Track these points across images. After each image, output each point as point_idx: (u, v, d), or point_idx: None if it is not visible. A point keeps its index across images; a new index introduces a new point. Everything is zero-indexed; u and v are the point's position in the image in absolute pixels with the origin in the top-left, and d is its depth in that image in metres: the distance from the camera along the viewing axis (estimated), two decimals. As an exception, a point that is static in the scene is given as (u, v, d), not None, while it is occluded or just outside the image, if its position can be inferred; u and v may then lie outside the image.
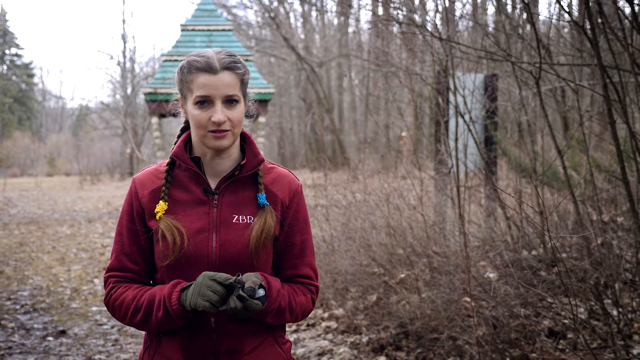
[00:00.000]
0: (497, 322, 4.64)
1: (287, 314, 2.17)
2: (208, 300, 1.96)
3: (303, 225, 2.26)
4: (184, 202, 2.15)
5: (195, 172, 2.16)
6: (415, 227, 6.41)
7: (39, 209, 20.56)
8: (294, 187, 2.25)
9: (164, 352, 2.15)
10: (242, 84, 2.14)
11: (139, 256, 2.17)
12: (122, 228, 2.19)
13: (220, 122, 2.06)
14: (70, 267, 10.00)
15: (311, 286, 2.27)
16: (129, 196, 2.20)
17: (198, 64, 2.07)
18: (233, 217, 2.14)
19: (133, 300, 2.10)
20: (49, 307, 7.40)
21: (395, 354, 5.17)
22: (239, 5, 40.42)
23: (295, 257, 2.24)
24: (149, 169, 2.23)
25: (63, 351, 5.73)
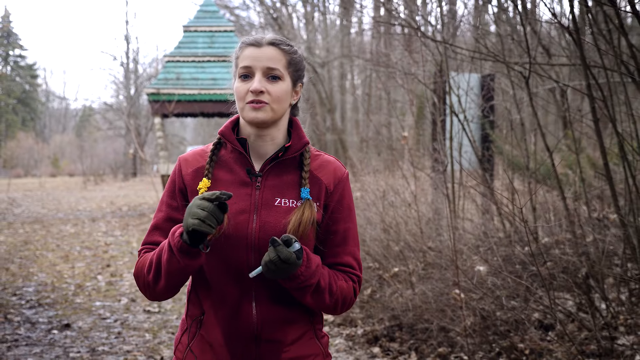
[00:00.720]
0: (484, 312, 4.81)
1: (326, 295, 2.10)
2: (198, 218, 1.90)
3: (347, 213, 2.21)
4: (227, 182, 2.14)
5: (240, 153, 2.15)
6: (410, 224, 6.59)
7: (43, 209, 20.75)
8: (340, 174, 2.21)
9: (205, 334, 2.14)
10: (290, 64, 2.14)
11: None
12: (162, 204, 2.19)
13: (256, 90, 2.06)
14: (74, 265, 10.18)
15: (353, 275, 2.19)
16: (173, 174, 2.20)
17: (247, 40, 2.13)
18: (275, 200, 2.12)
19: (149, 259, 2.10)
20: (54, 302, 7.58)
21: (388, 345, 5.35)
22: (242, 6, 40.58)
23: (337, 246, 2.19)
24: (196, 149, 2.24)
25: (68, 343, 5.91)
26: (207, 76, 17.60)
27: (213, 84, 17.40)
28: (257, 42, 2.10)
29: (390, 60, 11.91)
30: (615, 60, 4.74)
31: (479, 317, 4.72)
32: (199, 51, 17.92)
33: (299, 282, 2.01)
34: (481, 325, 4.73)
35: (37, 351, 5.67)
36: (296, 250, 1.95)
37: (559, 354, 4.79)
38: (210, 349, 2.12)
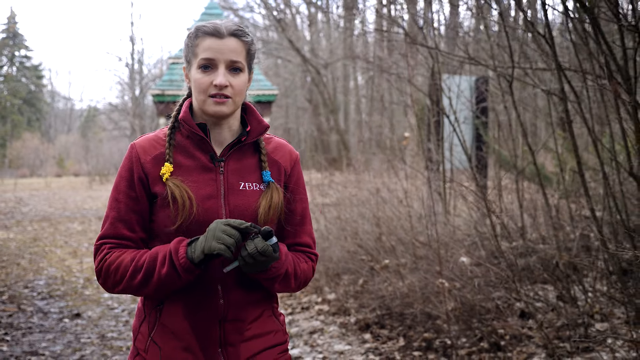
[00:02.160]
0: (464, 299, 5.18)
1: (292, 280, 2.17)
2: (224, 243, 1.94)
3: (303, 193, 2.28)
4: (188, 167, 2.14)
5: (200, 138, 2.14)
6: (402, 219, 6.95)
7: (50, 207, 21.14)
8: (294, 156, 2.29)
9: (166, 321, 2.12)
10: (248, 55, 2.14)
11: (136, 223, 2.13)
12: (119, 194, 2.13)
13: (221, 85, 2.06)
14: (82, 260, 10.57)
15: (311, 254, 2.28)
16: (128, 162, 2.14)
17: (205, 29, 2.10)
18: (240, 184, 2.15)
19: (132, 261, 2.05)
20: (64, 294, 7.96)
21: (379, 332, 5.72)
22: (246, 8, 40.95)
23: (296, 225, 2.25)
24: (148, 136, 2.20)
25: (78, 331, 6.28)
26: (211, 78, 17.99)
27: (217, 86, 17.78)
28: (219, 33, 2.08)
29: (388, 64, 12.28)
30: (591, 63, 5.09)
31: (458, 303, 5.08)
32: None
33: (271, 274, 2.08)
34: (462, 310, 5.09)
35: (50, 337, 6.05)
36: (274, 243, 2.00)
37: (536, 340, 5.15)
38: (174, 336, 2.11)
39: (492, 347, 5.05)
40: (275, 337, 2.23)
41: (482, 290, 5.17)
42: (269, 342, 2.21)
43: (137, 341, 2.18)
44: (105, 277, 2.09)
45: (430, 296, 5.35)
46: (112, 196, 2.15)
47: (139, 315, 2.20)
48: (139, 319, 2.20)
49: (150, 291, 2.06)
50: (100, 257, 2.10)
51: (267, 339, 2.21)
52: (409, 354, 5.20)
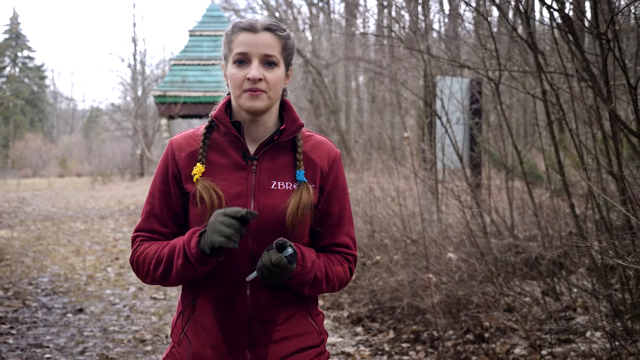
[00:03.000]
0: (448, 292, 5.41)
1: (323, 284, 2.14)
2: (223, 235, 1.93)
3: (341, 193, 2.23)
4: (221, 165, 2.14)
5: (235, 136, 2.14)
6: (395, 217, 7.18)
7: (53, 207, 21.39)
8: (333, 155, 2.22)
9: (198, 318, 2.15)
10: (284, 50, 2.12)
11: (168, 219, 2.17)
12: (155, 189, 2.18)
13: (255, 79, 2.05)
14: (85, 258, 10.81)
15: (349, 255, 2.23)
16: (165, 158, 2.18)
17: (241, 24, 2.10)
18: (272, 183, 2.13)
19: (155, 253, 2.10)
20: (67, 290, 8.20)
21: (370, 325, 5.96)
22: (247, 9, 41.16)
23: (333, 226, 2.21)
24: (186, 132, 2.22)
25: (82, 325, 6.52)
26: (212, 79, 18.25)
27: (218, 87, 18.04)
28: (253, 27, 2.08)
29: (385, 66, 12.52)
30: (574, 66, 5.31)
31: (444, 296, 5.31)
32: (204, 55, 18.58)
33: (296, 281, 2.06)
34: (448, 303, 5.32)
35: (54, 331, 6.28)
36: (289, 254, 1.97)
37: (520, 332, 5.38)
38: (204, 333, 2.13)
39: (476, 339, 5.28)
40: (309, 339, 2.19)
41: (467, 285, 5.40)
42: (301, 343, 2.17)
43: (174, 334, 2.23)
44: (137, 268, 2.15)
45: (418, 290, 5.59)
46: (149, 191, 2.20)
47: (178, 308, 2.25)
48: (177, 313, 2.24)
49: (173, 282, 2.10)
50: (133, 249, 2.17)
51: (299, 340, 2.17)
52: (397, 345, 5.44)
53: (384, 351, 5.37)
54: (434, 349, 5.26)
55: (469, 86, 9.19)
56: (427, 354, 5.21)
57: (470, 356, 4.99)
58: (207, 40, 18.88)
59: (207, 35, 18.94)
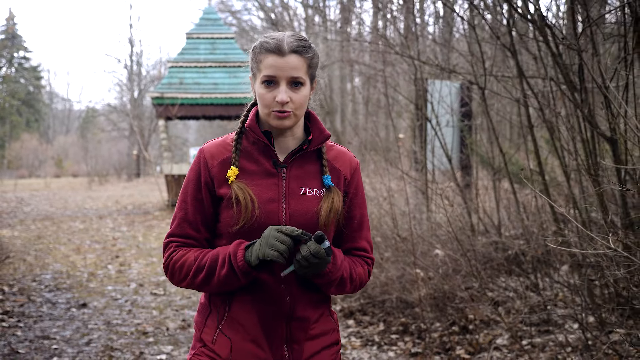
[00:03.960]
0: (437, 287, 5.72)
1: (348, 284, 2.26)
2: (276, 250, 2.05)
3: (361, 200, 2.36)
4: (252, 172, 2.24)
5: (265, 145, 2.25)
6: (385, 215, 7.48)
7: (51, 207, 21.64)
8: (354, 164, 2.36)
9: (235, 315, 2.23)
10: (310, 68, 2.21)
11: (201, 224, 2.26)
12: (187, 196, 2.27)
13: (283, 102, 2.14)
14: (85, 256, 11.09)
15: (368, 259, 2.35)
16: (197, 165, 2.27)
17: (268, 45, 2.17)
18: (300, 190, 2.24)
19: (195, 260, 2.19)
20: (70, 286, 8.49)
21: (361, 318, 6.27)
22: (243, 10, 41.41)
23: (354, 231, 2.33)
24: (216, 141, 2.32)
25: (85, 318, 6.81)
26: (209, 81, 18.54)
27: (214, 89, 18.33)
28: (280, 50, 2.15)
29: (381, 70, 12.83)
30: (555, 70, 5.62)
31: (430, 289, 5.62)
32: (201, 57, 18.87)
33: (327, 279, 2.18)
34: (434, 296, 5.63)
35: (60, 324, 6.57)
36: (326, 247, 2.08)
37: (503, 324, 5.68)
38: (242, 329, 2.22)
39: (461, 330, 5.59)
40: (333, 336, 2.34)
41: (452, 279, 5.70)
42: (328, 340, 2.31)
43: (204, 334, 2.27)
44: (171, 273, 2.24)
45: (406, 284, 5.89)
46: (181, 197, 2.29)
47: (203, 310, 2.31)
48: (203, 314, 2.30)
49: (212, 289, 2.21)
50: (167, 255, 2.25)
51: (327, 338, 2.31)
52: (387, 336, 5.75)
53: (374, 342, 5.69)
54: (421, 339, 5.57)
55: (459, 89, 9.49)
56: (414, 344, 5.52)
57: (454, 346, 5.30)
58: (204, 43, 19.17)
59: (204, 38, 19.23)
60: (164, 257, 2.26)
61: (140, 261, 10.60)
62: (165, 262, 2.25)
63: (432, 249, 6.51)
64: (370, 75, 13.38)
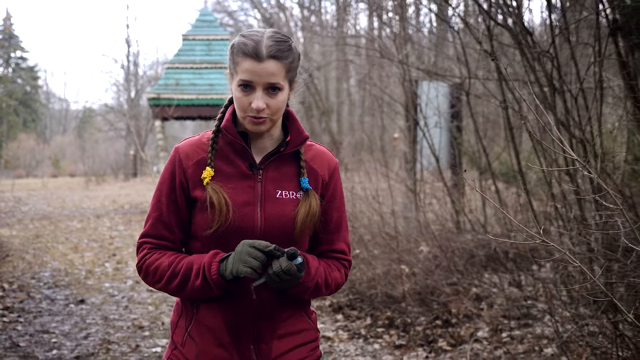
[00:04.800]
0: (422, 283, 5.96)
1: (323, 289, 2.24)
2: (250, 267, 2.03)
3: (339, 201, 2.31)
4: (228, 174, 2.20)
5: (242, 146, 2.20)
6: (374, 214, 7.73)
7: (49, 207, 21.83)
8: (333, 165, 2.31)
9: (202, 319, 2.21)
10: (289, 72, 2.14)
11: (175, 225, 2.22)
12: (161, 195, 2.22)
13: (259, 109, 2.09)
14: (83, 254, 11.32)
15: (345, 261, 2.33)
16: (171, 165, 2.23)
17: (245, 49, 2.10)
18: (277, 192, 2.19)
19: (169, 266, 2.16)
20: (68, 284, 8.72)
21: (349, 312, 6.51)
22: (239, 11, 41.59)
23: (331, 233, 2.29)
24: (192, 140, 2.27)
25: (84, 314, 7.05)
26: (205, 82, 18.80)
27: (210, 90, 18.58)
28: (258, 56, 2.08)
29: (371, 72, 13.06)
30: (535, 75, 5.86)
31: (413, 284, 5.87)
32: (196, 58, 19.12)
33: (301, 289, 2.17)
34: (416, 291, 5.87)
35: (59, 319, 6.81)
36: (299, 263, 2.05)
37: (485, 317, 5.92)
38: (209, 332, 2.20)
39: (444, 324, 5.83)
40: (306, 335, 2.30)
41: (435, 274, 5.95)
42: (299, 340, 2.28)
43: (175, 335, 2.27)
44: (145, 275, 2.21)
45: (391, 280, 6.14)
46: (155, 197, 2.24)
47: (177, 310, 2.30)
48: (177, 314, 2.29)
49: (185, 296, 2.20)
50: (141, 256, 2.22)
51: (298, 337, 2.28)
52: (373, 330, 5.99)
53: (360, 335, 5.94)
54: (406, 332, 5.82)
55: (449, 91, 9.74)
56: (399, 337, 5.77)
57: (437, 339, 5.55)
58: (200, 45, 19.42)
59: (199, 40, 19.48)
60: (138, 258, 2.23)
61: (138, 264, 10.81)
62: (138, 263, 2.22)
63: (421, 246, 6.76)
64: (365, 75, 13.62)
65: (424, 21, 15.14)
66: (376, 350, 5.57)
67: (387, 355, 5.43)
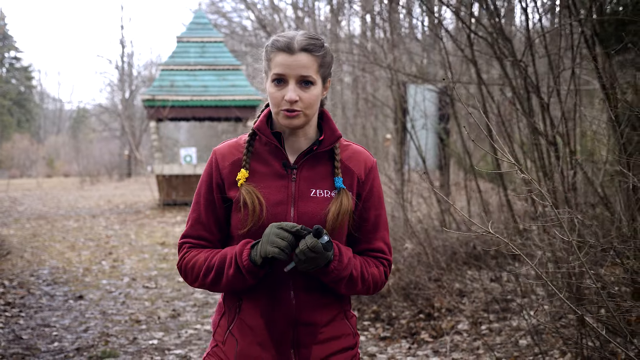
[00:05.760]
0: (407, 278, 6.26)
1: (359, 283, 2.21)
2: (277, 246, 2.04)
3: (377, 200, 2.30)
4: (263, 174, 2.22)
5: (275, 146, 2.23)
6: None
7: (45, 207, 22.07)
8: (370, 164, 2.30)
9: (245, 317, 2.23)
10: (321, 67, 2.18)
11: (214, 225, 2.26)
12: (200, 197, 2.27)
13: (291, 101, 2.12)
14: (80, 253, 11.60)
15: (384, 260, 2.30)
16: (209, 167, 2.28)
17: (278, 44, 2.15)
18: (311, 191, 2.21)
19: (205, 261, 2.20)
20: (67, 281, 9.00)
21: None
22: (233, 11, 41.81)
23: (369, 232, 2.28)
24: (230, 142, 2.31)
25: (83, 309, 7.33)
26: (199, 83, 19.08)
27: (204, 91, 18.86)
28: (290, 49, 2.13)
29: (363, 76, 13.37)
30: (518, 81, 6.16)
31: (397, 279, 6.17)
32: (191, 60, 19.40)
33: (333, 277, 2.14)
34: (400, 286, 6.17)
35: (59, 314, 7.09)
36: (325, 242, 2.05)
37: (467, 312, 6.22)
38: (251, 332, 2.22)
39: (427, 318, 6.13)
40: (346, 340, 2.29)
41: (418, 270, 6.25)
42: (339, 345, 2.27)
43: (217, 334, 2.31)
44: (185, 273, 2.26)
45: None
46: (195, 199, 2.30)
47: (219, 309, 2.33)
48: (219, 313, 2.33)
49: (222, 289, 2.23)
50: (181, 256, 2.28)
51: (339, 342, 2.27)
52: (360, 323, 6.29)
53: (347, 328, 6.23)
54: (391, 325, 6.12)
55: (437, 94, 10.04)
56: (384, 329, 6.07)
57: (420, 331, 5.86)
58: (194, 47, 19.70)
59: (194, 42, 19.77)
60: (178, 258, 2.30)
61: (133, 257, 11.11)
62: (179, 262, 2.28)
63: (404, 244, 7.05)
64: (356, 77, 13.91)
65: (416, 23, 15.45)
66: (362, 342, 5.87)
67: (372, 346, 5.73)
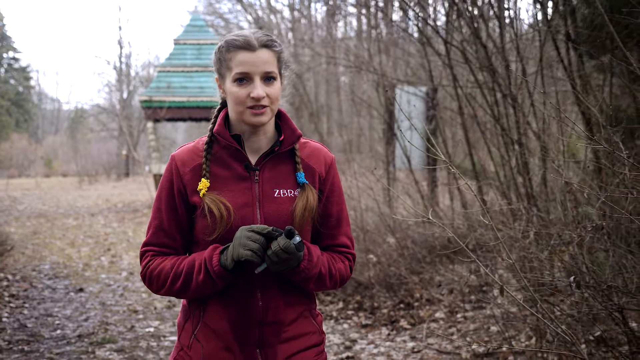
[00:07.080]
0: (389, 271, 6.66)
1: (327, 280, 2.22)
2: (250, 249, 2.03)
3: (338, 196, 2.31)
4: (225, 178, 2.20)
5: (236, 149, 2.20)
6: (350, 210, 8.42)
7: (44, 205, 22.43)
8: (329, 160, 2.31)
9: (209, 321, 2.21)
10: (279, 62, 2.18)
11: (176, 232, 2.23)
12: (161, 204, 2.23)
13: (259, 98, 2.10)
14: (79, 249, 12.00)
15: (348, 254, 2.32)
16: (169, 173, 2.23)
17: (237, 43, 2.13)
18: (274, 192, 2.20)
19: (172, 268, 2.17)
20: (67, 275, 9.39)
21: (324, 298, 7.21)
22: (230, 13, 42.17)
23: (332, 228, 2.29)
24: (188, 146, 2.27)
25: (83, 300, 7.73)
26: (195, 85, 19.48)
27: (200, 92, 19.27)
28: (250, 46, 2.12)
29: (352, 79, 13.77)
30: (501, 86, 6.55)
31: (378, 271, 6.57)
32: (187, 62, 19.79)
33: (303, 276, 2.14)
34: (381, 277, 6.57)
35: (61, 305, 7.49)
36: (297, 242, 2.05)
37: (446, 302, 6.62)
38: (215, 336, 2.20)
39: (407, 307, 6.53)
40: (312, 339, 2.29)
41: (398, 263, 6.65)
42: (305, 343, 2.27)
43: (182, 337, 2.28)
44: (149, 281, 2.22)
45: (361, 268, 6.85)
46: (155, 205, 2.26)
47: (184, 313, 2.29)
48: (184, 317, 2.29)
49: (190, 295, 2.20)
50: (144, 264, 2.23)
51: (304, 340, 2.26)
52: (344, 312, 6.70)
53: (332, 316, 6.65)
54: (372, 314, 6.53)
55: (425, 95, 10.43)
56: (366, 318, 6.48)
57: (399, 319, 6.26)
58: (191, 49, 20.10)
59: (190, 44, 20.17)
60: (141, 266, 2.25)
61: (130, 253, 11.51)
62: (142, 271, 2.24)
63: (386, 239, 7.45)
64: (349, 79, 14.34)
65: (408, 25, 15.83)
66: (345, 329, 6.27)
67: (354, 333, 6.14)
